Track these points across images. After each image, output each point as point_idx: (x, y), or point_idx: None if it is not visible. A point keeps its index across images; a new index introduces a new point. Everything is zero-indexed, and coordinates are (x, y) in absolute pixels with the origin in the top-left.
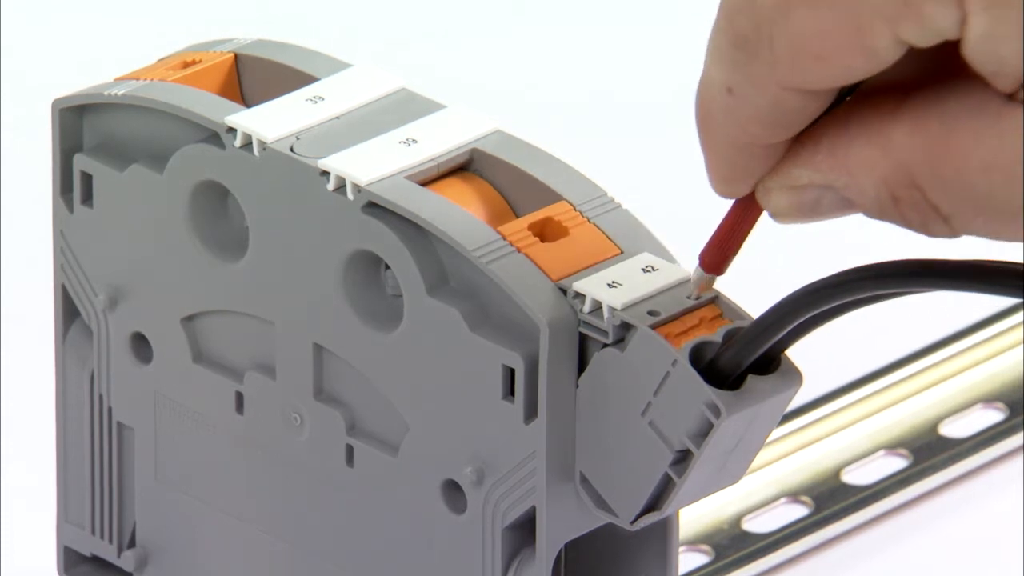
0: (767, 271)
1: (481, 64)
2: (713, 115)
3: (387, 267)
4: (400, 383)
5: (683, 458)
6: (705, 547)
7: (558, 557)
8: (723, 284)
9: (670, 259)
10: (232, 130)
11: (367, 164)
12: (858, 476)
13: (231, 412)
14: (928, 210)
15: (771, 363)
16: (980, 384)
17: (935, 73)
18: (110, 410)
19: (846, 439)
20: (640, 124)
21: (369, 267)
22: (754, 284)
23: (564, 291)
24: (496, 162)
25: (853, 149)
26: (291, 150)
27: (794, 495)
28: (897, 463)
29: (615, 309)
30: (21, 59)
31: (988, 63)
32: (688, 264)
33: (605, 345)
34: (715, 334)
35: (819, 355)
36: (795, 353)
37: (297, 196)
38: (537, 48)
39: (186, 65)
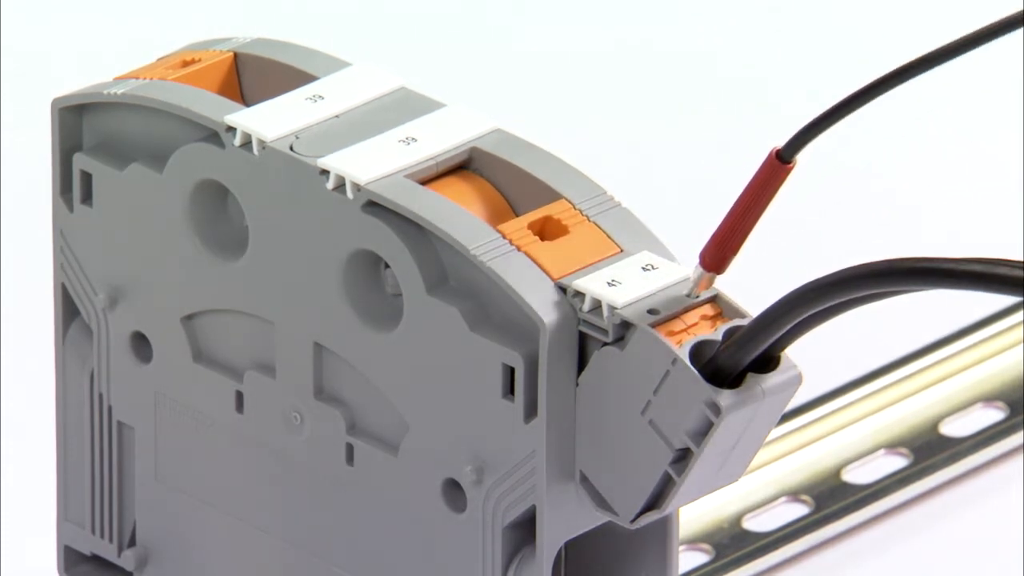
0: (767, 270)
1: (481, 64)
2: None
3: (387, 266)
4: (400, 382)
5: (683, 457)
6: (705, 546)
7: (558, 556)
8: (723, 282)
9: (670, 258)
10: (232, 129)
11: (366, 163)
12: (858, 475)
13: (231, 411)
14: None
15: (771, 361)
16: (980, 383)
17: None
18: (110, 409)
19: (846, 438)
20: (640, 123)
21: (369, 266)
22: (754, 283)
23: (564, 290)
24: (496, 161)
25: None
26: (291, 149)
27: (794, 494)
28: (897, 462)
29: (615, 308)
30: (21, 59)
31: None
32: (688, 263)
33: (605, 344)
34: (715, 332)
35: (819, 354)
36: (795, 351)
37: (297, 195)
38: (537, 47)
39: (185, 64)
